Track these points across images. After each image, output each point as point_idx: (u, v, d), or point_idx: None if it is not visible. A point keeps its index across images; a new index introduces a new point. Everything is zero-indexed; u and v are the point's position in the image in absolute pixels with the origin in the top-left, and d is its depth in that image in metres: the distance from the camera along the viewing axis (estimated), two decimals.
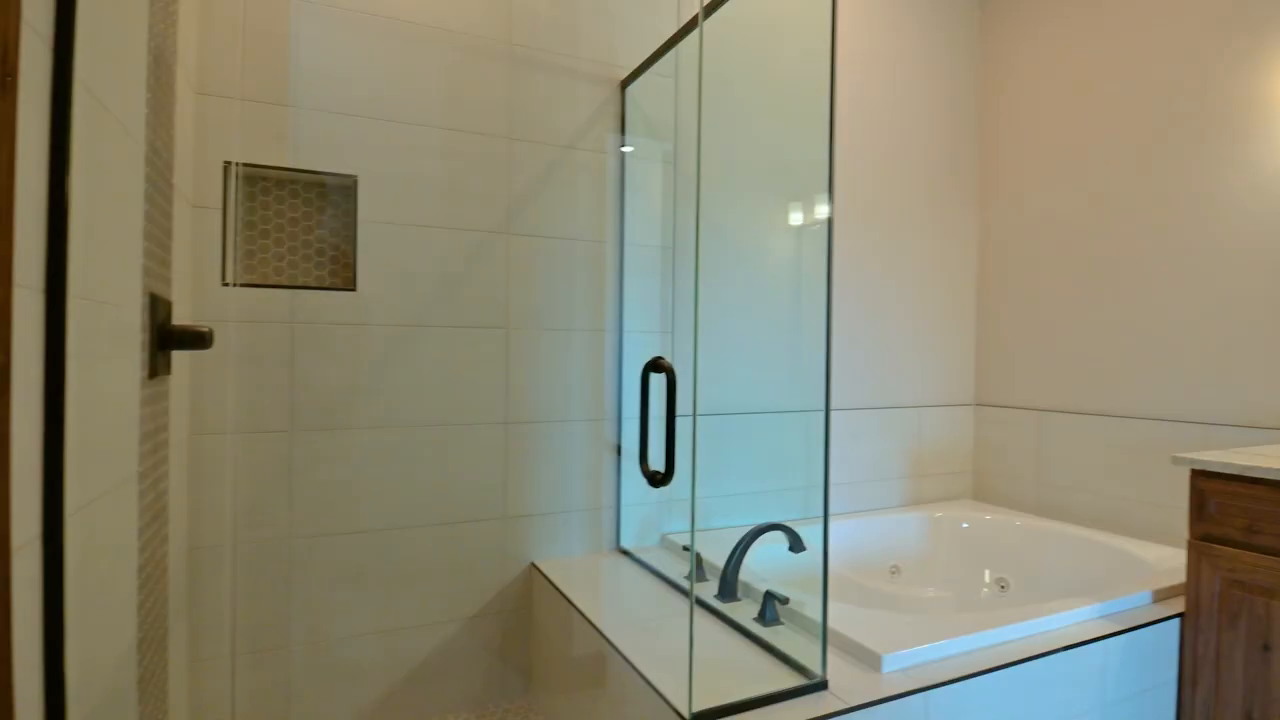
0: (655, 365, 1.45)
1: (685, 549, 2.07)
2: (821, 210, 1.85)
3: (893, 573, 2.42)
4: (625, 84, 2.10)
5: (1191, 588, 1.68)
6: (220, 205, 1.65)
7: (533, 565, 1.99)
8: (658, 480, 1.42)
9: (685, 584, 1.84)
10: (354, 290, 1.78)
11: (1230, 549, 1.61)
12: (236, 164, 1.66)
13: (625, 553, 2.10)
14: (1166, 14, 2.20)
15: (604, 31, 2.07)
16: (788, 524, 1.84)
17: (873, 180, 2.55)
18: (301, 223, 1.76)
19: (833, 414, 2.47)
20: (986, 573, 2.40)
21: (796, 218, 2.34)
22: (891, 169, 2.59)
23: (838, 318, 2.48)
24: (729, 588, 1.75)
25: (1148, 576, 1.88)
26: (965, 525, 2.48)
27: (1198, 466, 1.66)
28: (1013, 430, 2.64)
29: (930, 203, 2.68)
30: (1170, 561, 1.97)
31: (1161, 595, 1.78)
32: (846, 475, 2.51)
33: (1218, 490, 1.64)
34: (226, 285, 1.66)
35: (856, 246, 2.52)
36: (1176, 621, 1.70)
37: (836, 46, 2.36)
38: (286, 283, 1.73)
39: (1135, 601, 1.74)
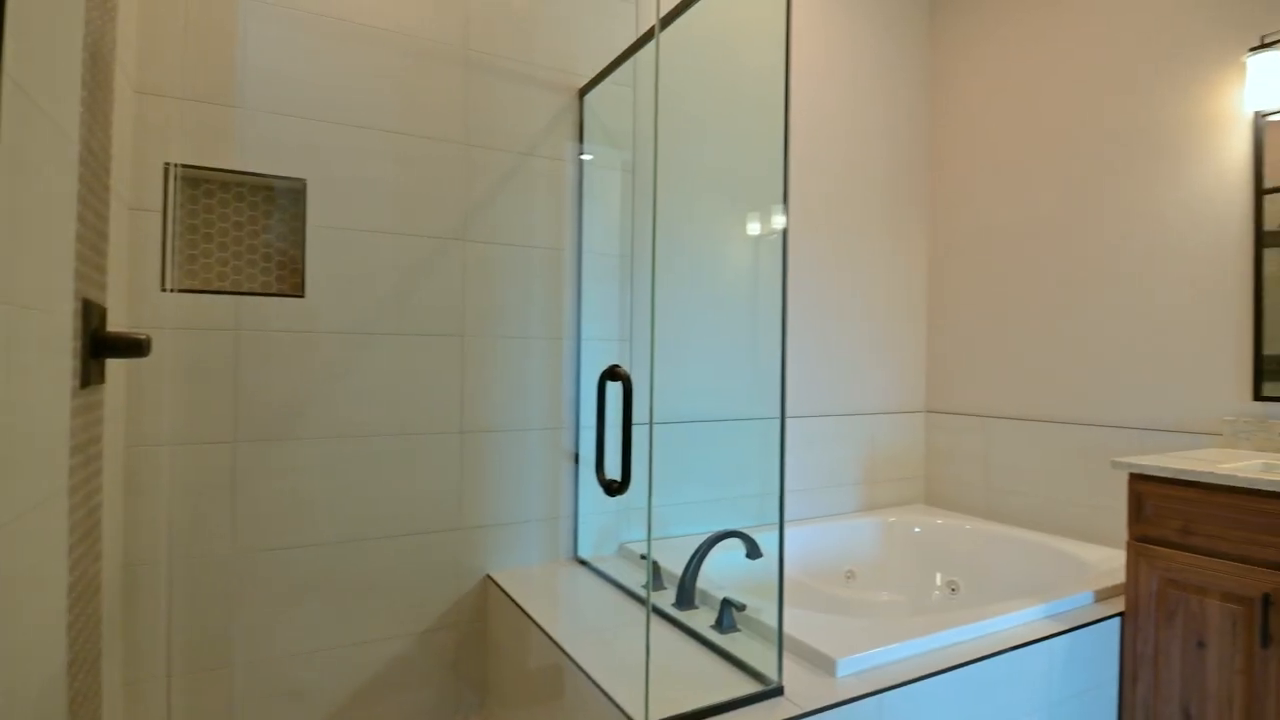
0: (611, 373, 1.45)
1: (643, 558, 2.06)
2: (777, 220, 1.89)
3: (848, 577, 2.45)
4: (583, 92, 2.10)
5: (1131, 587, 1.75)
6: (160, 208, 1.59)
7: (488, 577, 1.96)
8: (614, 489, 1.41)
9: (643, 593, 1.83)
10: (302, 297, 1.73)
11: (1166, 549, 1.68)
12: (176, 165, 1.60)
13: (583, 562, 2.08)
14: (1102, 39, 2.31)
15: (562, 39, 2.06)
16: (745, 531, 1.85)
17: (828, 192, 2.60)
18: (247, 227, 1.70)
19: (789, 421, 2.50)
20: (938, 575, 2.45)
21: (754, 227, 2.36)
22: (846, 181, 2.65)
23: (794, 327, 2.52)
24: (687, 596, 1.75)
25: (1090, 577, 1.94)
26: (917, 530, 2.53)
27: (1135, 470, 1.72)
28: (962, 436, 2.71)
29: (883, 215, 2.75)
30: (1111, 562, 2.04)
31: (1103, 595, 1.84)
32: (803, 482, 2.53)
33: (1154, 493, 1.71)
34: (166, 291, 1.59)
35: (813, 257, 2.56)
36: (1117, 620, 1.76)
37: (791, 60, 2.41)
38: (230, 288, 1.68)
39: (1078, 601, 1.79)
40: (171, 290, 1.60)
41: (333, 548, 1.77)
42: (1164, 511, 1.69)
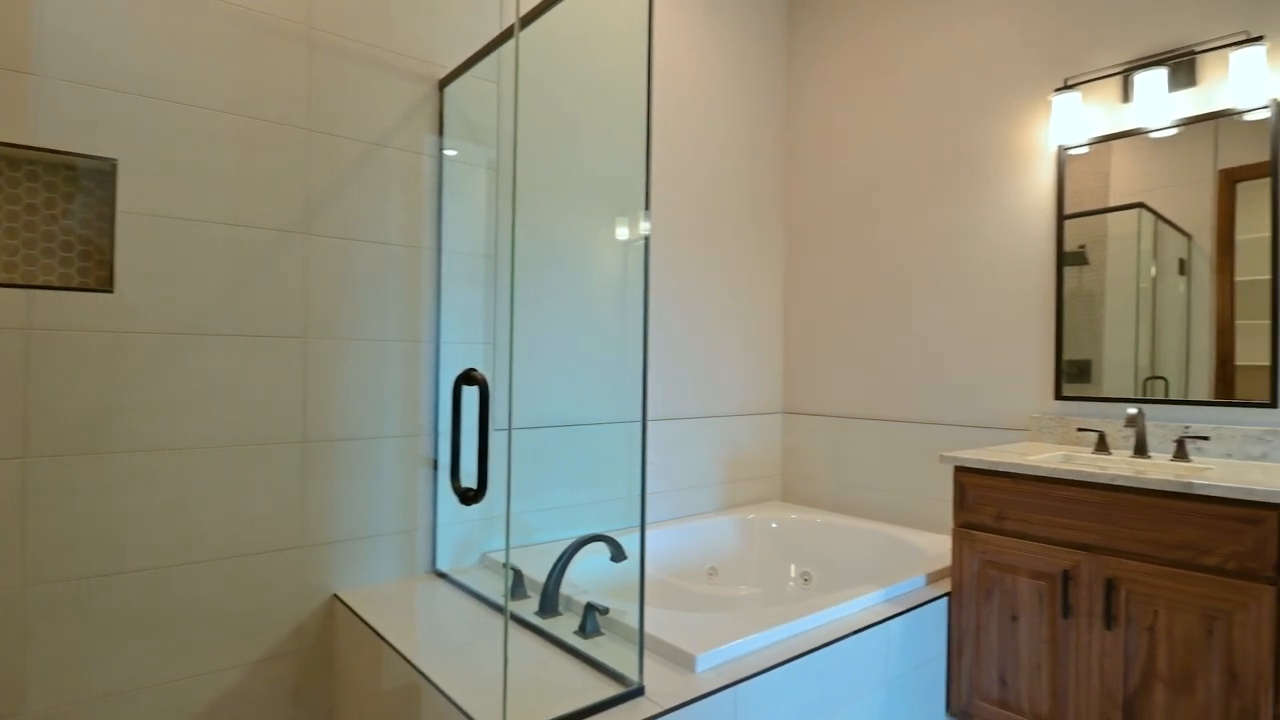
0: (468, 377, 1.39)
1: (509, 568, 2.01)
2: (641, 226, 1.91)
3: (710, 574, 2.52)
4: (444, 83, 2.02)
5: (956, 570, 1.92)
6: None
7: (335, 597, 1.83)
8: (469, 498, 1.36)
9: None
10: (111, 292, 1.53)
11: (984, 534, 1.86)
12: None
13: (442, 575, 1.99)
14: (937, 71, 2.53)
15: (419, 25, 1.97)
16: (610, 534, 1.85)
17: (692, 200, 2.67)
18: (42, 211, 1.48)
19: (655, 424, 2.53)
20: (792, 568, 2.58)
21: (622, 232, 2.38)
22: (710, 190, 2.73)
23: (661, 332, 2.56)
24: (550, 603, 1.72)
25: (923, 561, 2.12)
26: (774, 525, 2.65)
27: (958, 463, 1.90)
28: (814, 435, 2.87)
29: (744, 223, 2.86)
30: (941, 547, 2.24)
31: (934, 577, 2.01)
32: (667, 483, 2.58)
33: (974, 483, 1.88)
34: None
35: (678, 264, 2.62)
36: (945, 600, 1.93)
37: (653, 69, 2.44)
38: (20, 281, 1.45)
39: (912, 585, 1.94)
40: None
41: (152, 574, 1.58)
42: (983, 500, 1.87)
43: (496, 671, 1.43)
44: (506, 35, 1.85)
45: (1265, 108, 1.81)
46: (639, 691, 1.36)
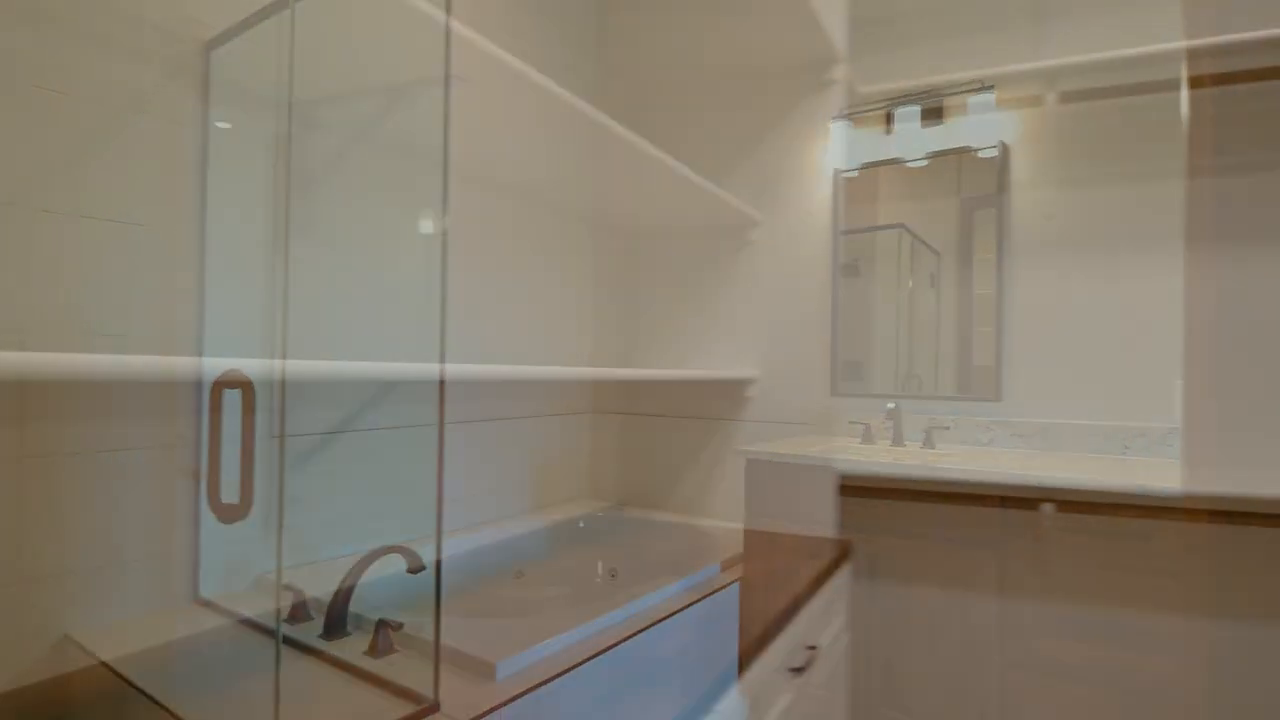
0: (228, 380, 1.24)
1: (286, 588, 1.82)
2: (440, 219, 1.84)
3: (517, 577, 2.48)
4: (212, 45, 1.78)
5: (747, 555, 2.06)
6: None
7: (67, 637, 1.54)
8: (230, 515, 1.21)
9: (282, 630, 1.61)
10: None
11: (771, 519, 2.02)
12: None
13: (207, 603, 1.76)
14: (737, 93, 2.69)
15: None
16: (407, 544, 1.74)
17: (503, 191, 2.60)
18: None
19: (461, 426, 2.44)
20: (599, 564, 2.61)
21: (426, 225, 2.26)
22: (520, 179, 2.68)
23: (467, 331, 2.47)
24: (337, 623, 1.59)
25: (719, 549, 2.25)
26: (582, 524, 2.67)
27: (750, 456, 2.04)
28: (623, 433, 2.94)
29: (556, 219, 2.84)
30: (736, 535, 2.39)
31: (728, 564, 2.14)
32: (473, 487, 2.50)
33: (763, 474, 2.03)
34: None
35: (485, 260, 2.54)
36: (737, 585, 2.06)
37: (450, 52, 2.34)
38: None
39: (708, 573, 2.05)
40: None
41: None
42: (771, 489, 2.02)
43: (268, 705, 1.29)
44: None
45: (994, 147, 2.14)
46: (434, 708, 1.29)
